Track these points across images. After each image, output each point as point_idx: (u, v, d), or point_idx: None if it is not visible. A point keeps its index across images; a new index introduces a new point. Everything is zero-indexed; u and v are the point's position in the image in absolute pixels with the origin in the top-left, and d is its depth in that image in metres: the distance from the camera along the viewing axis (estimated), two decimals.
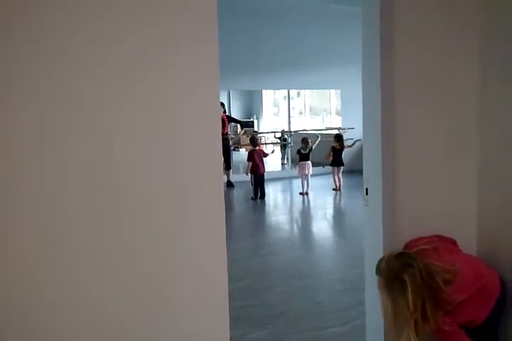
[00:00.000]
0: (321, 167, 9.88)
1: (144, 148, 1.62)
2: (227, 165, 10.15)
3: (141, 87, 1.61)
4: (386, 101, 2.39)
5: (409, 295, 1.96)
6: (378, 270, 2.11)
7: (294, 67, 11.03)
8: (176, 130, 1.66)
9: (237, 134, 12.43)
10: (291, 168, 11.80)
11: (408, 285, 1.97)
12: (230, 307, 1.77)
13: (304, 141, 9.58)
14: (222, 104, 10.51)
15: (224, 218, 1.74)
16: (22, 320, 1.51)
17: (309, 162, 9.40)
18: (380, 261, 2.11)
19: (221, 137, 1.77)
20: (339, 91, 12.67)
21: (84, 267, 1.58)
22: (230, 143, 10.91)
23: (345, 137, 10.22)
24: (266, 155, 9.41)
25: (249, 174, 9.18)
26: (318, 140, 9.66)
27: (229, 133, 10.50)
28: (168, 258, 1.67)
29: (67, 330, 1.57)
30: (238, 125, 12.43)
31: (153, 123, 1.63)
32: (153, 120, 1.63)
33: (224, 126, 9.81)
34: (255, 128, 15.63)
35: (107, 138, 1.58)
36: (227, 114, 10.71)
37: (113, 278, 1.61)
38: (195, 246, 1.70)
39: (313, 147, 9.51)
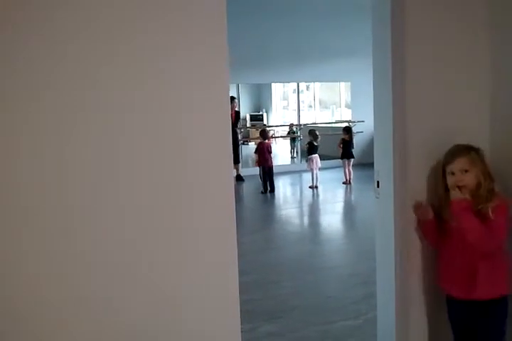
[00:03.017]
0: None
1: (152, 143, 1.61)
2: (236, 159, 10.13)
3: (150, 81, 1.59)
4: (397, 93, 2.36)
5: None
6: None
7: (303, 59, 10.97)
8: (185, 125, 1.65)
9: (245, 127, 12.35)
10: (301, 162, 11.77)
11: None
12: (240, 300, 1.77)
13: (312, 133, 9.52)
14: (234, 98, 10.47)
15: (234, 212, 1.73)
16: (22, 321, 1.50)
17: (317, 155, 9.36)
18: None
19: (231, 131, 1.75)
20: (349, 83, 12.61)
21: (88, 267, 1.56)
22: (239, 137, 10.89)
23: (355, 130, 10.18)
24: (270, 152, 9.35)
25: (257, 166, 9.18)
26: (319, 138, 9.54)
27: (238, 127, 10.46)
28: (178, 253, 1.66)
29: (70, 332, 1.56)
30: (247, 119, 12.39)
31: (161, 118, 1.61)
32: (162, 115, 1.61)
33: (234, 121, 9.81)
34: (265, 122, 15.61)
35: (114, 135, 1.56)
36: (236, 109, 10.65)
37: (123, 275, 1.60)
38: (206, 241, 1.69)
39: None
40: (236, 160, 10.14)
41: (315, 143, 9.38)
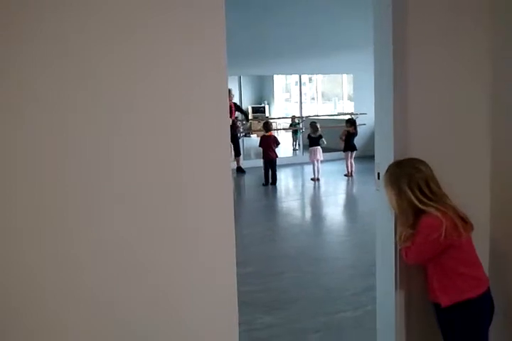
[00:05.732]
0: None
1: (149, 138, 1.60)
2: (237, 152, 10.10)
3: (148, 74, 1.58)
4: (398, 86, 2.36)
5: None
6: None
7: (306, 51, 10.93)
8: (182, 120, 1.64)
9: (245, 123, 12.23)
10: (303, 154, 11.76)
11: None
12: (239, 292, 1.78)
13: (313, 125, 9.53)
14: (230, 90, 10.41)
15: (232, 205, 1.72)
16: (22, 321, 1.50)
17: (319, 147, 9.36)
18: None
19: (229, 125, 1.75)
20: (351, 76, 12.57)
21: (88, 267, 1.56)
22: (241, 130, 10.85)
23: (357, 122, 10.16)
24: (278, 143, 9.36)
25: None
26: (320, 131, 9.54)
27: (238, 119, 10.40)
28: (175, 246, 1.66)
29: (70, 331, 1.56)
30: (249, 111, 12.36)
31: (158, 114, 1.60)
32: (159, 110, 1.60)
33: (231, 113, 9.76)
34: (267, 114, 15.59)
35: (113, 131, 1.55)
36: (233, 101, 10.59)
37: (120, 266, 1.60)
38: (203, 233, 1.70)
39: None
40: (237, 153, 10.12)
41: (312, 135, 9.38)
